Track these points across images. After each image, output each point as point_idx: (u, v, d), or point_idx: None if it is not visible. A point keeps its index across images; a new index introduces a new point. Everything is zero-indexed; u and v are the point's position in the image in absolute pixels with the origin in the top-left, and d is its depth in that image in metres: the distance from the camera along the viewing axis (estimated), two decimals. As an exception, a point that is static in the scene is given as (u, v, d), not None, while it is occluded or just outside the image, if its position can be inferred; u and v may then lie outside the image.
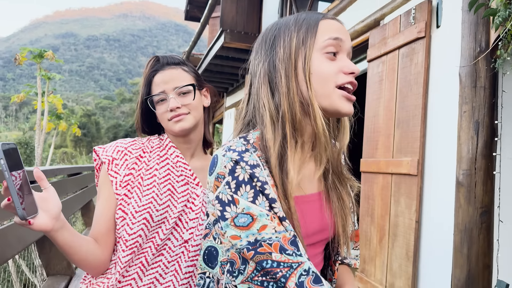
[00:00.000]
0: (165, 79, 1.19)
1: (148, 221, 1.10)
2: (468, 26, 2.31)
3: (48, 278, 2.40)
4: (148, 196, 1.12)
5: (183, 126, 1.18)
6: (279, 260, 0.73)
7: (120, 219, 1.11)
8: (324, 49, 0.84)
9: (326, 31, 0.85)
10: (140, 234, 1.09)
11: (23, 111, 79.96)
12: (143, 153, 1.19)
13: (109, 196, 1.13)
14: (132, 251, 1.09)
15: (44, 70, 9.36)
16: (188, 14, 10.88)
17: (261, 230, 0.75)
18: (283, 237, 0.75)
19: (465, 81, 2.30)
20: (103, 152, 1.16)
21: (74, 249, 1.02)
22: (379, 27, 3.24)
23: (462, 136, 2.30)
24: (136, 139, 1.24)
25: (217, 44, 6.04)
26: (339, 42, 0.85)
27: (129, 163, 1.15)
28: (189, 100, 1.19)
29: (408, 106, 2.78)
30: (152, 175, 1.16)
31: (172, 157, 1.22)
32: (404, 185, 2.76)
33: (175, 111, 1.17)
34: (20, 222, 0.88)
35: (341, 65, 0.85)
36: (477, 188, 2.22)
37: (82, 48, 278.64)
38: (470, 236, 2.21)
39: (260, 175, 0.78)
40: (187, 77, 1.22)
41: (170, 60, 1.22)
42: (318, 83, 0.83)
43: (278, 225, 0.76)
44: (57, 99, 10.19)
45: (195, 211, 1.17)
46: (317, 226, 0.89)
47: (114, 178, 1.13)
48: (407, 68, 2.83)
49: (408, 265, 2.65)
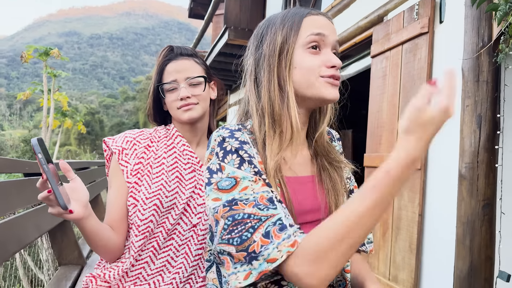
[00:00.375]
0: (177, 69, 1.23)
1: (158, 207, 1.15)
2: (471, 21, 2.34)
3: (60, 267, 2.47)
4: (158, 184, 1.17)
5: (191, 115, 1.22)
6: (250, 213, 0.76)
7: (131, 206, 1.16)
8: (307, 45, 0.90)
9: (309, 27, 0.90)
10: (151, 219, 1.14)
11: (27, 109, 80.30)
12: (151, 142, 1.24)
13: (120, 185, 1.18)
14: (144, 235, 1.14)
15: (49, 67, 9.44)
16: (192, 11, 10.92)
17: (241, 190, 0.79)
18: (261, 196, 0.78)
19: (467, 75, 2.33)
20: (113, 142, 1.21)
21: (98, 236, 1.07)
22: (383, 23, 3.27)
23: (464, 130, 2.33)
24: (144, 130, 1.29)
25: (221, 41, 6.08)
26: (322, 37, 0.90)
27: (138, 153, 1.20)
28: (199, 91, 1.24)
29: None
30: (161, 163, 1.21)
31: (179, 145, 1.26)
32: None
33: (185, 100, 1.22)
34: (59, 212, 0.93)
35: (324, 59, 0.90)
36: (479, 181, 2.25)
37: (86, 47, 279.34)
38: (473, 228, 2.25)
39: (248, 150, 0.85)
40: (199, 69, 1.26)
41: (183, 50, 1.27)
42: (302, 75, 0.89)
43: (262, 185, 0.80)
44: (63, 97, 10.26)
45: (202, 197, 1.22)
46: (309, 205, 0.94)
47: (125, 167, 1.18)
48: (410, 64, 2.86)
49: (411, 258, 2.68)
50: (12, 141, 38.95)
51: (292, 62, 0.90)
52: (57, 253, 2.46)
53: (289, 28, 0.91)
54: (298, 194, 0.92)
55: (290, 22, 0.91)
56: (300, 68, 0.89)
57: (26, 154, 20.90)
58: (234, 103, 8.79)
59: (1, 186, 1.47)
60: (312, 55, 0.90)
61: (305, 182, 0.95)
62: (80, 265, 2.55)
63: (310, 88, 0.90)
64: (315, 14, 0.93)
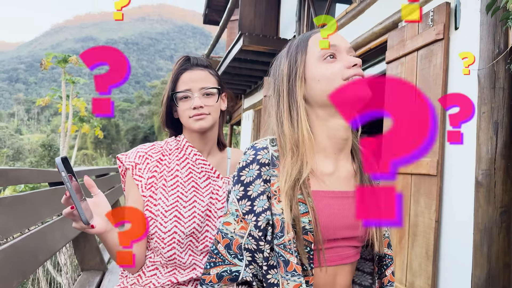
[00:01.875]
0: (192, 78, 1.26)
1: (179, 218, 1.19)
2: (486, 28, 2.34)
3: (83, 273, 2.53)
4: (174, 196, 1.22)
5: (202, 125, 1.25)
6: (220, 251, 0.92)
7: (149, 218, 1.20)
8: (322, 57, 0.95)
9: (318, 43, 0.95)
10: (175, 230, 1.18)
11: (44, 114, 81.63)
12: (163, 156, 1.28)
13: (137, 199, 1.23)
14: (172, 247, 1.18)
15: (68, 74, 9.64)
16: (207, 17, 11.03)
17: (225, 224, 0.94)
18: (236, 240, 0.92)
19: (483, 82, 2.33)
20: (126, 159, 1.26)
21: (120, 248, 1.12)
22: (398, 29, 3.28)
23: (481, 137, 2.33)
24: (155, 143, 1.33)
25: (236, 47, 6.13)
26: (333, 47, 0.95)
27: (151, 166, 1.25)
28: (212, 102, 1.27)
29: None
30: (175, 175, 1.25)
31: (191, 156, 1.30)
32: (424, 185, 2.79)
33: (198, 110, 1.24)
34: (81, 226, 0.99)
35: (343, 62, 0.94)
36: (496, 188, 2.25)
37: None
38: (490, 235, 2.24)
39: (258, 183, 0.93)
40: (213, 80, 1.30)
41: (200, 61, 1.31)
42: (326, 84, 0.93)
43: (240, 228, 0.92)
44: (81, 102, 10.46)
45: (220, 201, 1.27)
46: (344, 221, 0.95)
47: (139, 181, 1.23)
48: (426, 70, 2.86)
49: (428, 264, 2.68)
50: (30, 145, 39.64)
51: (307, 78, 0.95)
52: (80, 259, 2.53)
53: (294, 52, 0.97)
54: (330, 209, 0.94)
55: (295, 47, 0.98)
56: (323, 78, 0.94)
57: (45, 159, 21.27)
58: (248, 107, 8.84)
59: (31, 197, 1.53)
60: (330, 64, 0.94)
61: (342, 197, 0.97)
62: (102, 270, 2.61)
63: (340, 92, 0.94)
64: (318, 32, 0.97)
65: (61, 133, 9.40)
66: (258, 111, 7.94)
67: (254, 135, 8.05)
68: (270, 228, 0.91)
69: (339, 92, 0.92)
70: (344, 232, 0.95)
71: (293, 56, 0.97)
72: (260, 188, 0.92)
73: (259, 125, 7.82)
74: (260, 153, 0.95)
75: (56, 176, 2.05)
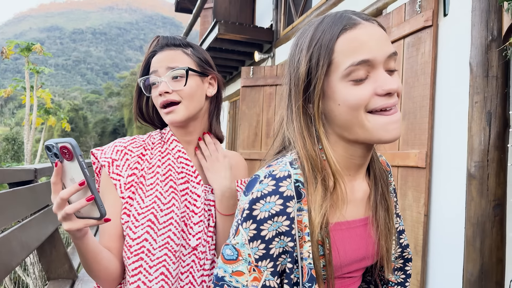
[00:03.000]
0: (160, 60, 1.07)
1: (153, 223, 0.99)
2: (479, 14, 2.24)
3: (49, 282, 2.29)
4: (152, 196, 1.02)
5: (172, 118, 1.05)
6: None
7: (125, 224, 1.01)
8: (347, 77, 0.71)
9: (347, 54, 0.70)
10: (145, 238, 0.98)
11: (8, 106, 78.71)
12: (145, 150, 1.08)
13: (114, 201, 1.02)
14: (139, 257, 0.98)
15: (32, 63, 9.13)
16: (179, 5, 10.67)
17: (234, 274, 0.71)
18: (254, 279, 0.70)
19: (476, 70, 2.24)
20: (102, 154, 1.04)
21: (99, 255, 0.93)
22: (382, 16, 3.16)
23: (473, 127, 2.24)
24: (136, 137, 1.11)
25: (211, 35, 5.91)
26: (366, 63, 0.70)
27: (131, 163, 1.04)
28: (181, 85, 1.05)
29: (415, 97, 2.71)
30: (155, 173, 1.05)
31: (174, 151, 1.10)
32: (412, 178, 2.70)
33: (164, 96, 1.05)
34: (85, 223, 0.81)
35: (374, 86, 0.71)
36: (489, 180, 2.17)
37: (68, 42, 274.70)
38: (483, 230, 2.16)
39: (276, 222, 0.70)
40: (185, 60, 1.08)
41: (170, 41, 1.10)
42: (347, 113, 0.72)
43: (252, 280, 0.70)
44: (46, 94, 9.94)
45: (197, 214, 1.06)
46: (359, 255, 0.81)
47: (117, 181, 1.02)
48: (413, 58, 2.76)
49: (417, 260, 2.60)
50: (-6, 139, 38.06)
51: (326, 94, 0.74)
52: (46, 268, 2.28)
53: (316, 56, 0.72)
54: (346, 244, 0.78)
55: (318, 47, 0.73)
56: (344, 105, 0.72)
57: (8, 153, 20.38)
58: (224, 98, 8.64)
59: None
60: (356, 86, 0.71)
61: (356, 227, 0.81)
62: (71, 279, 2.37)
63: (361, 128, 0.72)
64: (351, 27, 0.72)
65: (25, 126, 8.93)
66: (234, 102, 7.75)
67: (230, 127, 7.86)
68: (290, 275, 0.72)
69: (354, 128, 0.73)
70: (354, 266, 0.81)
71: (315, 57, 0.72)
72: (282, 228, 0.71)
73: (235, 117, 7.63)
74: (282, 184, 0.71)
75: (20, 175, 1.81)
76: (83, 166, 0.74)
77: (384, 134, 0.72)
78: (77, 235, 0.84)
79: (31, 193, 1.81)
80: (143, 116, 1.17)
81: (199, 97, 1.10)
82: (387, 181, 0.87)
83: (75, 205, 0.76)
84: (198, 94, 1.09)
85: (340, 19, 0.73)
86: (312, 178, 0.73)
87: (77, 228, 0.80)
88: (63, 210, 0.77)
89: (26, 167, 2.08)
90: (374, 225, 0.83)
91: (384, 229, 0.82)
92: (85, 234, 0.86)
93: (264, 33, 5.79)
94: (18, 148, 20.69)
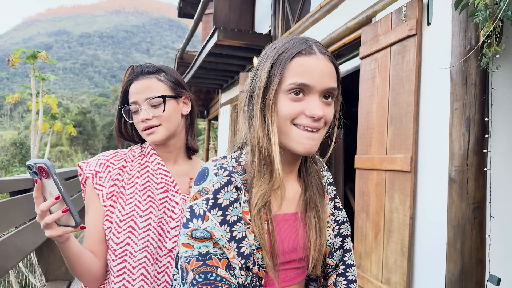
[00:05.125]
0: (137, 90, 1.19)
1: (134, 229, 1.12)
2: (458, 24, 2.33)
3: (48, 283, 2.42)
4: (131, 204, 1.15)
5: (153, 139, 1.20)
6: (223, 276, 0.78)
7: (107, 230, 1.13)
8: (288, 92, 0.84)
9: (294, 73, 0.83)
10: (128, 242, 1.11)
11: (17, 110, 79.56)
12: (125, 162, 1.22)
13: (97, 209, 1.15)
14: (123, 259, 1.11)
15: (38, 70, 9.32)
16: (181, 11, 10.84)
17: (215, 245, 0.80)
18: (233, 257, 0.80)
19: (456, 78, 2.32)
20: (87, 167, 1.18)
21: (82, 258, 1.05)
22: (371, 24, 3.26)
23: (453, 133, 2.33)
24: (118, 151, 1.26)
25: (211, 42, 6.03)
26: (305, 87, 0.83)
27: (113, 174, 1.18)
28: (160, 111, 1.19)
29: (400, 103, 2.80)
30: (134, 183, 1.18)
31: (153, 164, 1.24)
32: (398, 181, 2.79)
33: (146, 122, 1.19)
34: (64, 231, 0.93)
35: (305, 107, 0.84)
36: (469, 184, 2.25)
37: (76, 46, 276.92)
38: (463, 232, 2.25)
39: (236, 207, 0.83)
40: (161, 88, 1.21)
41: (144, 69, 1.23)
42: (279, 122, 0.85)
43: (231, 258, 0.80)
44: (52, 99, 10.15)
45: (175, 219, 1.19)
46: (290, 245, 0.92)
47: (100, 191, 1.16)
48: (399, 66, 2.85)
49: (403, 261, 2.68)
50: (4, 143, 38.51)
51: (274, 107, 0.86)
52: (44, 269, 2.42)
53: (275, 69, 0.85)
54: (283, 234, 0.90)
55: (278, 62, 0.85)
56: (278, 114, 0.85)
57: (16, 157, 20.66)
58: (225, 102, 8.76)
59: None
60: (293, 102, 0.84)
61: (288, 220, 0.93)
62: (68, 280, 2.51)
63: (285, 136, 0.86)
64: (306, 54, 0.84)
65: (32, 131, 9.12)
66: (235, 106, 7.87)
67: (232, 130, 7.98)
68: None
69: (282, 136, 0.86)
70: (287, 257, 0.92)
71: (273, 69, 0.85)
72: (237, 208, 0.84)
73: (237, 120, 7.75)
74: (233, 176, 0.84)
75: (18, 184, 1.94)
76: (58, 183, 0.87)
77: (298, 145, 0.85)
78: (59, 240, 0.97)
79: (29, 201, 1.95)
80: (122, 135, 1.30)
81: (176, 117, 1.24)
82: (321, 191, 1.00)
83: (53, 216, 0.89)
84: (175, 115, 1.23)
85: (302, 44, 0.86)
86: (260, 170, 0.86)
87: (57, 235, 0.93)
88: (44, 220, 0.90)
89: (24, 176, 2.21)
90: (302, 221, 0.94)
91: (314, 226, 0.94)
92: (67, 239, 0.98)
93: (263, 39, 5.90)
94: (26, 152, 20.95)
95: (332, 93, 0.87)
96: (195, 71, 7.47)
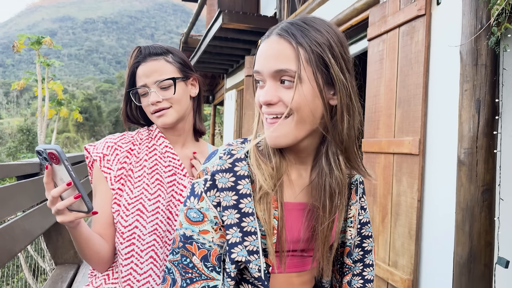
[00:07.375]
0: (146, 72, 1.17)
1: (142, 212, 1.11)
2: (469, 2, 2.27)
3: (56, 267, 2.45)
4: (139, 188, 1.14)
5: (164, 121, 1.18)
6: (196, 265, 0.79)
7: (116, 213, 1.12)
8: (256, 82, 0.85)
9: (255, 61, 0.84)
10: (136, 225, 1.10)
11: (24, 97, 79.90)
12: (133, 145, 1.20)
13: (105, 192, 1.14)
14: (131, 242, 1.10)
15: (43, 56, 9.31)
16: (185, -6, 10.71)
17: (201, 233, 0.80)
18: (214, 250, 0.81)
19: (466, 59, 2.28)
20: (94, 149, 1.17)
21: (91, 241, 1.05)
22: (379, 5, 3.19)
23: (463, 115, 2.29)
24: (125, 133, 1.24)
25: (215, 25, 5.96)
26: (258, 74, 0.82)
27: (121, 157, 1.16)
28: (170, 94, 1.18)
29: (409, 85, 2.76)
30: (142, 166, 1.17)
31: (161, 147, 1.22)
32: (406, 164, 2.76)
33: (156, 105, 1.17)
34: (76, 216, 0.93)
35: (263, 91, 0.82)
36: (478, 167, 2.23)
37: (80, 32, 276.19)
38: (472, 214, 2.23)
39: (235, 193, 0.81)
40: (169, 69, 1.20)
41: (152, 50, 1.20)
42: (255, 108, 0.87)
43: (220, 236, 0.81)
44: (57, 85, 10.14)
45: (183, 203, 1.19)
46: (295, 234, 0.89)
47: (108, 174, 1.14)
48: (407, 47, 2.80)
49: (411, 244, 2.68)
50: (11, 130, 38.79)
51: None
52: (53, 253, 2.45)
53: (254, 59, 0.86)
54: (292, 223, 0.89)
55: None
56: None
57: (23, 144, 20.81)
58: (230, 87, 8.71)
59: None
60: (258, 91, 0.84)
61: (296, 209, 0.90)
62: (77, 263, 2.54)
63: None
64: (263, 40, 0.83)
65: (38, 117, 9.15)
66: (241, 91, 7.82)
67: (238, 115, 7.94)
68: None
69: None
70: (293, 245, 0.90)
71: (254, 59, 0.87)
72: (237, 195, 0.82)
73: (242, 105, 7.70)
74: (237, 164, 0.83)
75: (25, 169, 1.95)
76: (69, 169, 0.85)
77: (267, 139, 0.83)
78: (71, 225, 0.96)
79: (36, 185, 1.95)
80: (129, 119, 1.29)
81: (186, 99, 1.23)
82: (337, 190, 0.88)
83: (65, 202, 0.88)
84: (184, 97, 1.22)
85: (270, 29, 0.84)
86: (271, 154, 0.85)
87: (69, 220, 0.92)
88: (55, 206, 0.89)
89: (31, 161, 2.22)
90: (310, 214, 0.90)
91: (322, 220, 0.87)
92: (78, 224, 0.98)
93: (268, 22, 5.82)
94: (32, 139, 21.09)
95: (288, 75, 0.77)
96: (200, 56, 7.41)
